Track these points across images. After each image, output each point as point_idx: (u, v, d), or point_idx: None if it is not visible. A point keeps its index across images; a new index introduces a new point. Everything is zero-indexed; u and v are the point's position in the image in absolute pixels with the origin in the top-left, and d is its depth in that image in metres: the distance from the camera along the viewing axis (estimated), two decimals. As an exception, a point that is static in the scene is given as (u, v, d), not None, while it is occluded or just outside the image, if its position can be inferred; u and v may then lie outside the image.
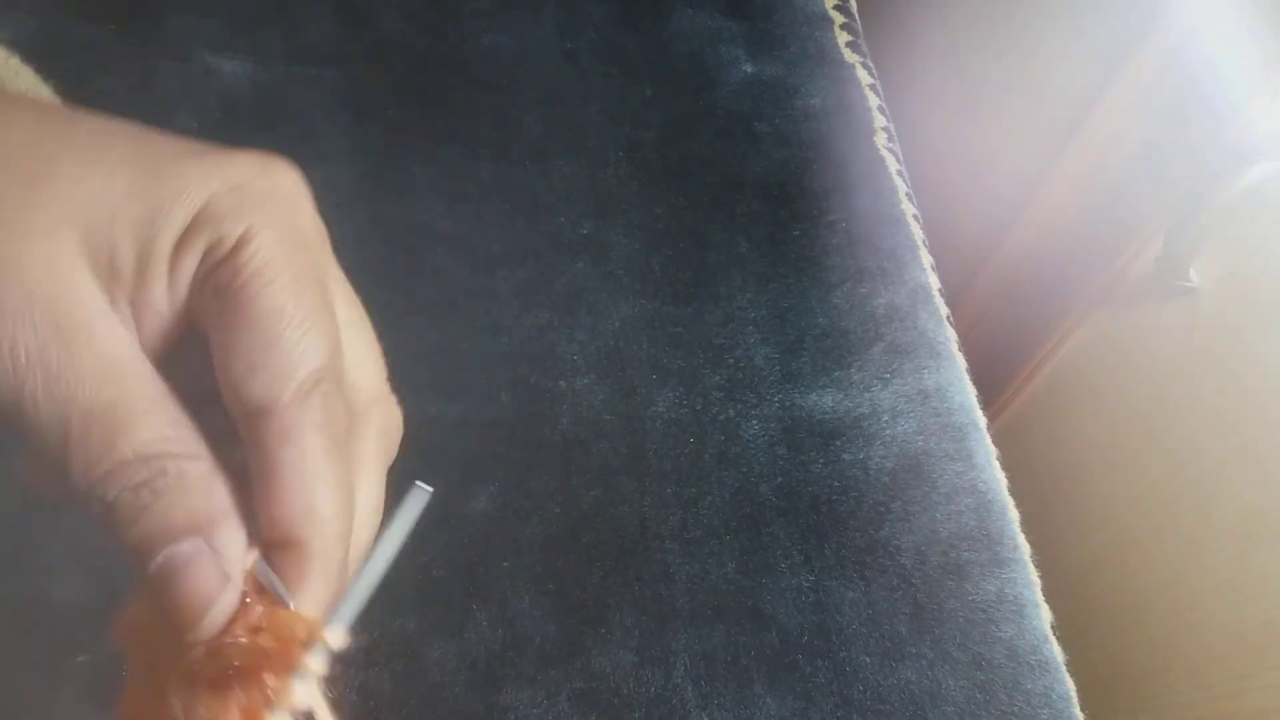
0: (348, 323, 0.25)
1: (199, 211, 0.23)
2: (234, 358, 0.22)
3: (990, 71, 0.75)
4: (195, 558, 0.22)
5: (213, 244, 0.22)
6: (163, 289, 0.23)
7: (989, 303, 0.79)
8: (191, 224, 0.22)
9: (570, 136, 0.53)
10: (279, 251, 0.23)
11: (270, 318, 0.22)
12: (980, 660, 0.41)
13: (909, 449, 0.46)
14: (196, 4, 0.52)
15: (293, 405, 0.22)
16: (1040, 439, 0.71)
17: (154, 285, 0.23)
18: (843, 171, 0.55)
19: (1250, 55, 0.54)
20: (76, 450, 0.21)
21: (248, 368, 0.22)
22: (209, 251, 0.22)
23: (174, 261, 0.22)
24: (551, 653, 0.39)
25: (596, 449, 0.44)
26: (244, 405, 0.22)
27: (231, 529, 0.22)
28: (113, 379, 0.22)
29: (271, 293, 0.22)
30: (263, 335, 0.22)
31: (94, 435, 0.21)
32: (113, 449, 0.21)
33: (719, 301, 0.49)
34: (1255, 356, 0.53)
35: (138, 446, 0.22)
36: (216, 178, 0.23)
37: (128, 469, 0.22)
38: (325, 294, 0.24)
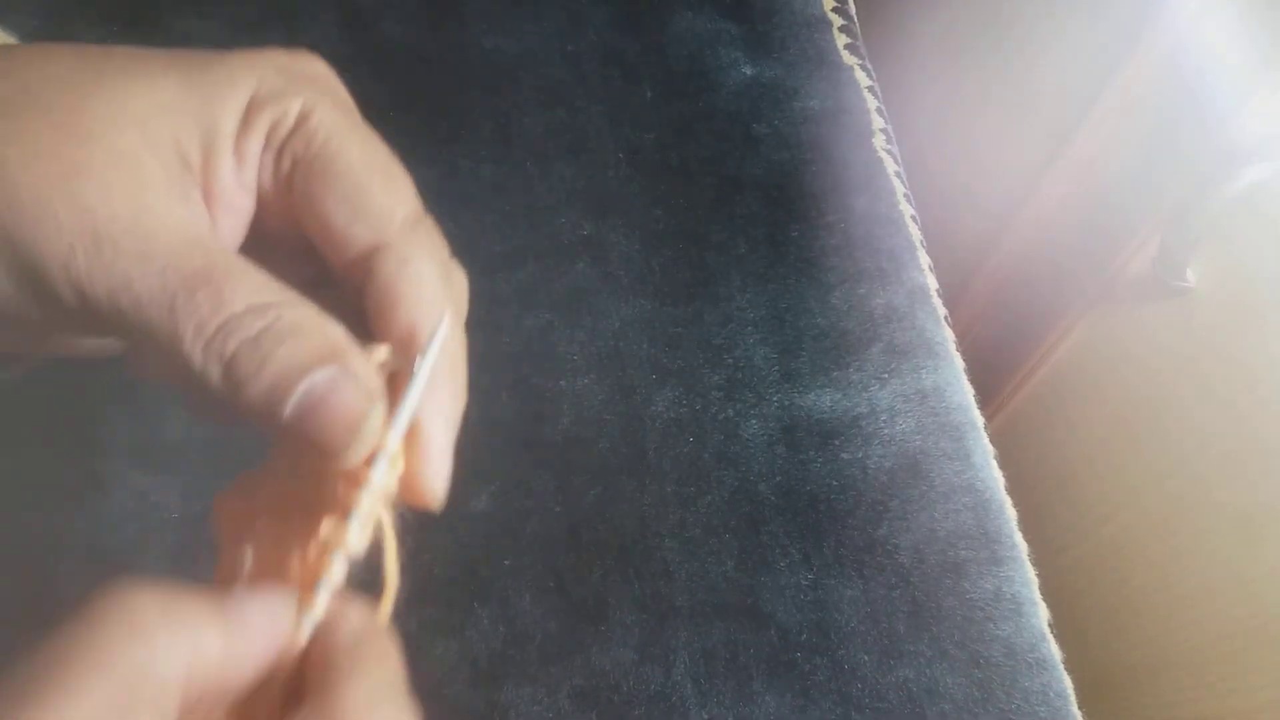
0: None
1: (253, 95, 0.24)
2: (334, 209, 0.24)
3: (988, 73, 0.75)
4: (337, 381, 0.22)
5: (275, 121, 0.24)
6: (230, 171, 0.24)
7: (987, 303, 0.79)
8: (250, 105, 0.24)
9: (571, 138, 0.53)
10: (342, 118, 0.25)
11: (359, 170, 0.24)
12: (978, 658, 0.42)
13: (907, 448, 0.46)
14: (198, 5, 0.52)
15: (402, 238, 0.24)
16: (1038, 438, 0.72)
17: (222, 168, 0.24)
18: (841, 173, 0.55)
19: (1247, 56, 0.54)
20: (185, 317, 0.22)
21: (352, 214, 0.24)
22: (274, 128, 0.24)
23: (238, 143, 0.24)
24: (552, 650, 0.39)
25: (596, 448, 0.44)
26: (355, 247, 0.24)
27: (358, 354, 0.23)
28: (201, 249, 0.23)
29: (352, 149, 0.24)
30: (356, 185, 0.24)
31: (200, 297, 0.22)
32: (221, 304, 0.22)
33: (718, 302, 0.49)
34: (1251, 356, 0.54)
35: (247, 298, 0.22)
36: (260, 64, 0.24)
37: (242, 320, 0.22)
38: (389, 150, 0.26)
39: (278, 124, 0.24)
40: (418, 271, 0.24)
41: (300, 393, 0.22)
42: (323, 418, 0.22)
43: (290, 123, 0.24)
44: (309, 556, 0.23)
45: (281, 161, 0.24)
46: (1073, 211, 0.69)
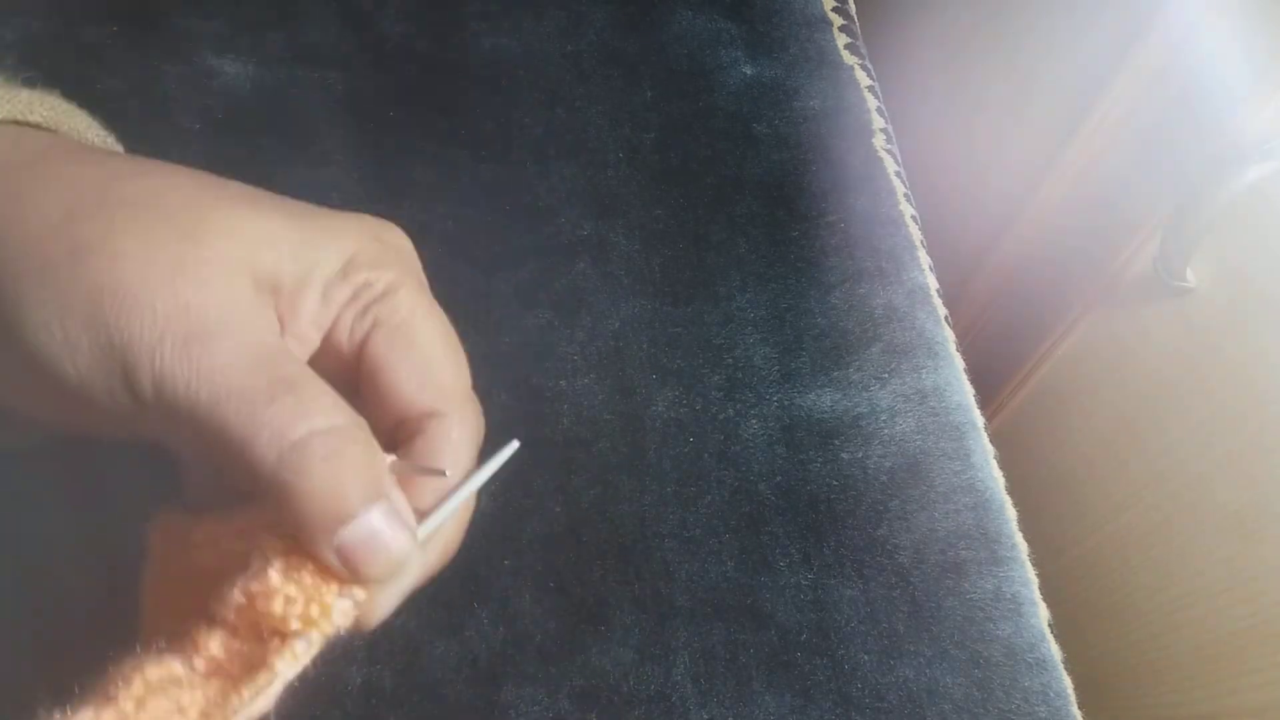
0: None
1: (354, 253, 0.27)
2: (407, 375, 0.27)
3: (988, 73, 0.75)
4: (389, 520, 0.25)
5: (368, 283, 0.27)
6: (313, 307, 0.27)
7: (987, 303, 0.79)
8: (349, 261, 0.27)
9: (571, 138, 0.53)
10: (424, 299, 0.29)
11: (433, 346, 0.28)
12: (978, 658, 0.42)
13: (907, 448, 0.46)
14: (199, 6, 0.52)
15: (454, 412, 0.28)
16: (1038, 438, 0.72)
17: (308, 302, 0.27)
18: (841, 172, 0.55)
19: (1246, 56, 0.54)
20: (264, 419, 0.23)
21: (420, 383, 0.27)
22: (362, 288, 0.27)
23: (329, 288, 0.27)
24: (552, 650, 0.39)
25: (596, 448, 0.44)
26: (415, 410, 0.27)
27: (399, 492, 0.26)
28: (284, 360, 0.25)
29: (430, 327, 0.28)
30: (429, 360, 0.28)
31: (284, 403, 0.24)
32: (304, 414, 0.24)
33: (718, 302, 0.49)
34: (1252, 357, 0.54)
35: (328, 415, 0.24)
36: (360, 229, 0.28)
37: (326, 438, 0.24)
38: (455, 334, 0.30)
39: (369, 286, 0.27)
40: (460, 442, 0.28)
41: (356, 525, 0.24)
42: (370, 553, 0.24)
43: (380, 289, 0.27)
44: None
45: (364, 319, 0.27)
46: (1073, 211, 0.69)
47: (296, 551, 0.25)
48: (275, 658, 0.24)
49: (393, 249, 0.29)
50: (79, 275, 0.23)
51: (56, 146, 0.26)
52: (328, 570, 0.25)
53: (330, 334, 0.27)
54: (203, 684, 0.25)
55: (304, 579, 0.25)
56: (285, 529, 0.25)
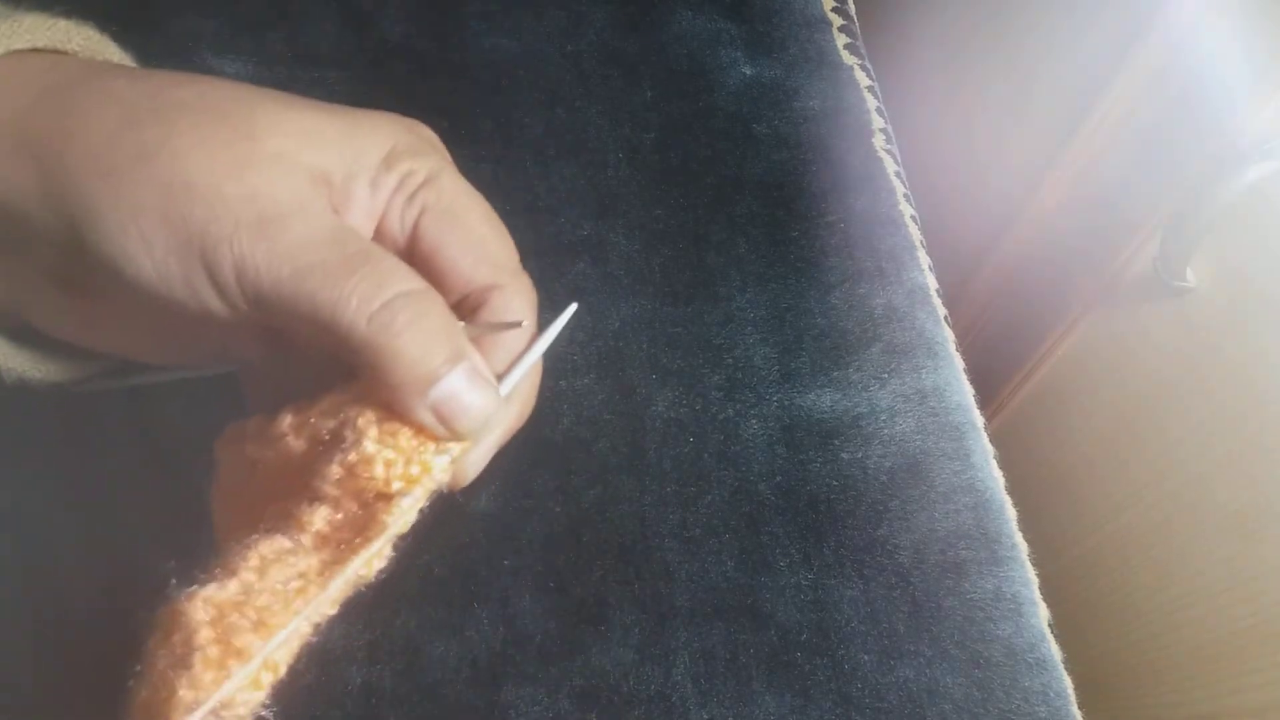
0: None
1: (394, 145, 0.28)
2: (461, 253, 0.29)
3: (988, 73, 0.75)
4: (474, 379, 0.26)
5: (411, 171, 0.28)
6: (363, 198, 0.28)
7: (987, 303, 0.79)
8: (390, 153, 0.28)
9: (571, 138, 0.53)
10: (465, 184, 0.30)
11: (483, 227, 0.29)
12: (978, 658, 0.42)
13: (907, 448, 0.46)
14: (199, 5, 0.52)
15: (511, 282, 0.29)
16: (1038, 438, 0.72)
17: (358, 192, 0.28)
18: (841, 173, 0.55)
19: (1247, 57, 0.54)
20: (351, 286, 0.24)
21: (475, 259, 0.29)
22: (407, 176, 0.28)
23: (375, 178, 0.28)
24: (552, 650, 0.39)
25: (596, 448, 0.44)
26: (474, 285, 0.29)
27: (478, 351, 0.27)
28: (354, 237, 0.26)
29: (475, 209, 0.30)
30: (482, 237, 0.29)
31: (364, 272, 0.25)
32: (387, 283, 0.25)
33: (718, 302, 0.49)
34: (1251, 357, 0.54)
35: (406, 281, 0.26)
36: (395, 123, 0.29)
37: (408, 299, 0.25)
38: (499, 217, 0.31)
39: (412, 174, 0.28)
40: (521, 308, 0.29)
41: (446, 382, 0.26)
42: (460, 409, 0.26)
43: (422, 177, 0.28)
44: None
45: (412, 205, 0.28)
46: (1073, 211, 0.69)
47: (389, 418, 0.26)
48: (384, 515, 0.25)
49: (427, 140, 0.30)
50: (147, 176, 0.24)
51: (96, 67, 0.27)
52: (422, 431, 0.26)
53: (381, 222, 0.28)
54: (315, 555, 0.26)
55: (400, 442, 0.26)
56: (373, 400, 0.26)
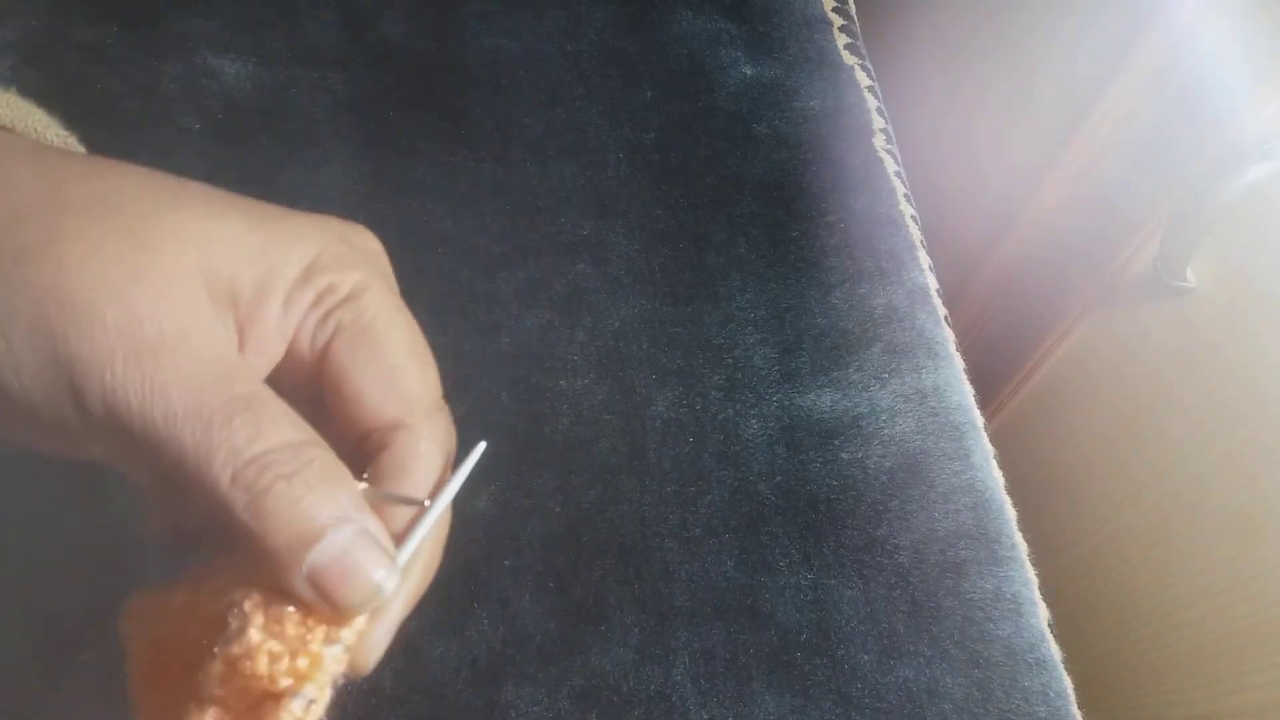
0: None
1: (316, 256, 0.25)
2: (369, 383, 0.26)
3: (988, 73, 0.75)
4: (359, 541, 0.23)
5: (331, 286, 0.25)
6: (275, 316, 0.25)
7: (987, 303, 0.79)
8: (311, 264, 0.25)
9: (571, 138, 0.53)
10: (391, 302, 0.27)
11: (400, 353, 0.26)
12: (978, 658, 0.42)
13: (907, 448, 0.46)
14: (198, 6, 0.52)
15: (425, 422, 0.26)
16: (1038, 438, 0.72)
17: (268, 311, 0.25)
18: (841, 173, 0.55)
19: (1246, 56, 0.54)
20: (219, 438, 0.22)
21: (385, 391, 0.26)
22: (325, 292, 0.25)
23: (290, 294, 0.25)
24: (552, 650, 0.39)
25: (596, 448, 0.44)
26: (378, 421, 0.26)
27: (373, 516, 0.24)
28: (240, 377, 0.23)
29: (396, 332, 0.26)
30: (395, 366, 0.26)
31: (238, 423, 0.22)
32: (259, 435, 0.22)
33: (718, 302, 0.49)
34: (1251, 357, 0.54)
35: (284, 434, 0.23)
36: (325, 229, 0.26)
37: (279, 455, 0.22)
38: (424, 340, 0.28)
39: (333, 289, 0.25)
40: (429, 454, 0.26)
41: (324, 547, 0.22)
42: (342, 577, 0.23)
43: (344, 292, 0.26)
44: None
45: (326, 324, 0.25)
46: (1073, 211, 0.69)
47: (275, 602, 0.23)
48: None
49: (359, 250, 0.27)
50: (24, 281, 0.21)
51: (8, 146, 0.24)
52: (310, 616, 0.23)
53: (294, 343, 0.26)
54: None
55: (286, 630, 0.23)
56: (261, 580, 0.23)
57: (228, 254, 0.24)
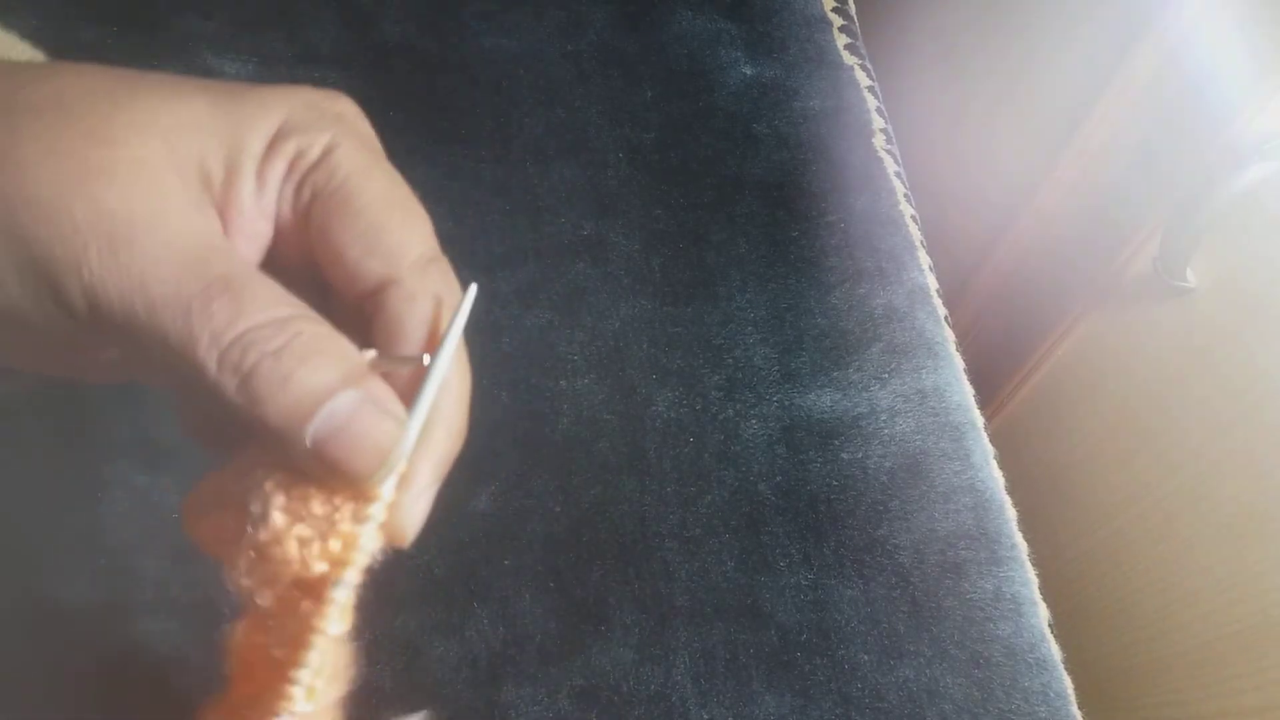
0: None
1: (282, 124, 0.24)
2: (348, 244, 0.24)
3: (988, 73, 0.75)
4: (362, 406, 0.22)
5: (300, 151, 0.24)
6: (251, 194, 0.24)
7: (986, 303, 0.79)
8: (277, 133, 0.24)
9: (571, 138, 0.53)
10: (366, 157, 0.25)
11: (377, 207, 0.24)
12: (978, 658, 0.42)
13: (907, 448, 0.46)
14: (199, 5, 0.52)
15: (413, 275, 0.24)
16: (1037, 438, 0.72)
17: (243, 189, 0.24)
18: (841, 173, 0.55)
19: (1247, 57, 0.54)
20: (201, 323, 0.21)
21: (365, 249, 0.24)
22: (296, 158, 0.24)
23: (261, 168, 0.24)
24: (552, 650, 0.39)
25: (596, 448, 0.44)
26: (366, 283, 0.24)
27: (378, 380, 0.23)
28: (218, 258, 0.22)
29: (371, 186, 0.24)
30: (372, 223, 0.24)
31: (217, 305, 0.21)
32: (241, 313, 0.21)
33: (718, 302, 0.49)
34: (1251, 357, 0.54)
35: (266, 310, 0.22)
36: (292, 97, 0.25)
37: (262, 332, 0.22)
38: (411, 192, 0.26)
39: (302, 155, 0.24)
40: (425, 309, 0.24)
41: (324, 416, 0.22)
42: (348, 445, 0.22)
43: (315, 155, 0.24)
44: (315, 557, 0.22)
45: (302, 192, 0.24)
46: (1073, 211, 0.69)
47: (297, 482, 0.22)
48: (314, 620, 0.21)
49: (329, 113, 0.25)
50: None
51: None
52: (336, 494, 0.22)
53: (279, 219, 0.25)
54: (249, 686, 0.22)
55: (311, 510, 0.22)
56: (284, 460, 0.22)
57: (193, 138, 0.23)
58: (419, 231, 0.25)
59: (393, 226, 0.25)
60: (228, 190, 0.24)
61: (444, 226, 0.52)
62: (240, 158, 0.24)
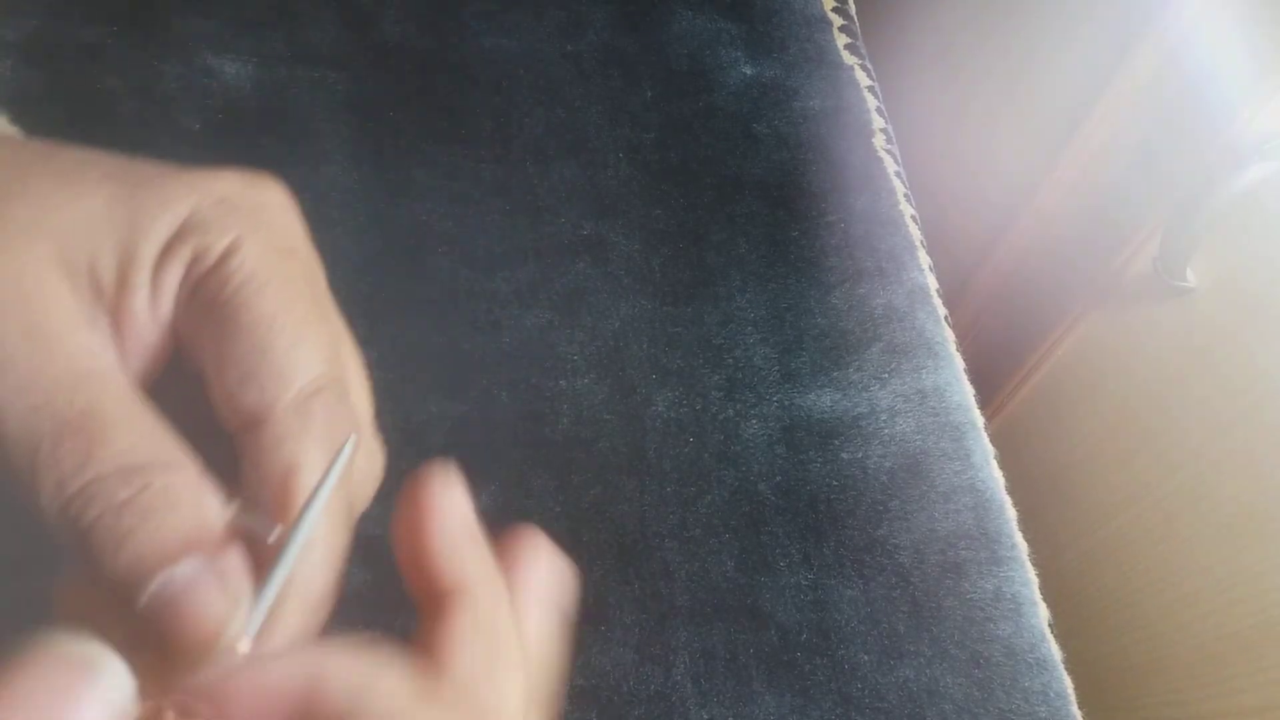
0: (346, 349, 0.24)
1: (183, 222, 0.22)
2: (226, 368, 0.21)
3: (988, 73, 0.75)
4: (198, 579, 0.20)
5: (199, 254, 0.21)
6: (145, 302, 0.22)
7: (987, 303, 0.79)
8: (176, 234, 0.22)
9: (571, 138, 0.53)
10: (269, 260, 0.22)
11: (263, 325, 0.21)
12: (978, 658, 0.42)
13: (907, 448, 0.46)
14: (199, 5, 0.52)
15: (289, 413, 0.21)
16: (1038, 438, 0.72)
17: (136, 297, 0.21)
18: (841, 172, 0.55)
19: (1246, 57, 0.54)
20: (46, 468, 0.19)
21: (241, 376, 0.21)
22: (194, 262, 0.22)
23: (157, 272, 0.21)
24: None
25: (596, 448, 0.44)
26: (238, 416, 0.21)
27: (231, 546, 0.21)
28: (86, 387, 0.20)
29: (263, 299, 0.21)
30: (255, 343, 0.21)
31: (67, 447, 0.19)
32: (89, 462, 0.19)
33: (718, 301, 0.49)
34: (1251, 357, 0.54)
35: (118, 457, 0.20)
36: (200, 190, 0.22)
37: (107, 484, 0.20)
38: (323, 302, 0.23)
39: (199, 258, 0.21)
40: (293, 454, 0.21)
41: (160, 583, 0.19)
42: (180, 618, 0.20)
43: (211, 260, 0.21)
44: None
45: (195, 300, 0.22)
46: (1073, 211, 0.69)
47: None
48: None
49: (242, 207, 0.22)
50: None
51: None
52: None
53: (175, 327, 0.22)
54: None
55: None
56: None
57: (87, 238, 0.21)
58: (308, 356, 0.22)
59: (278, 349, 0.21)
60: (120, 296, 0.21)
61: (444, 226, 0.52)
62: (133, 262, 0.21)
